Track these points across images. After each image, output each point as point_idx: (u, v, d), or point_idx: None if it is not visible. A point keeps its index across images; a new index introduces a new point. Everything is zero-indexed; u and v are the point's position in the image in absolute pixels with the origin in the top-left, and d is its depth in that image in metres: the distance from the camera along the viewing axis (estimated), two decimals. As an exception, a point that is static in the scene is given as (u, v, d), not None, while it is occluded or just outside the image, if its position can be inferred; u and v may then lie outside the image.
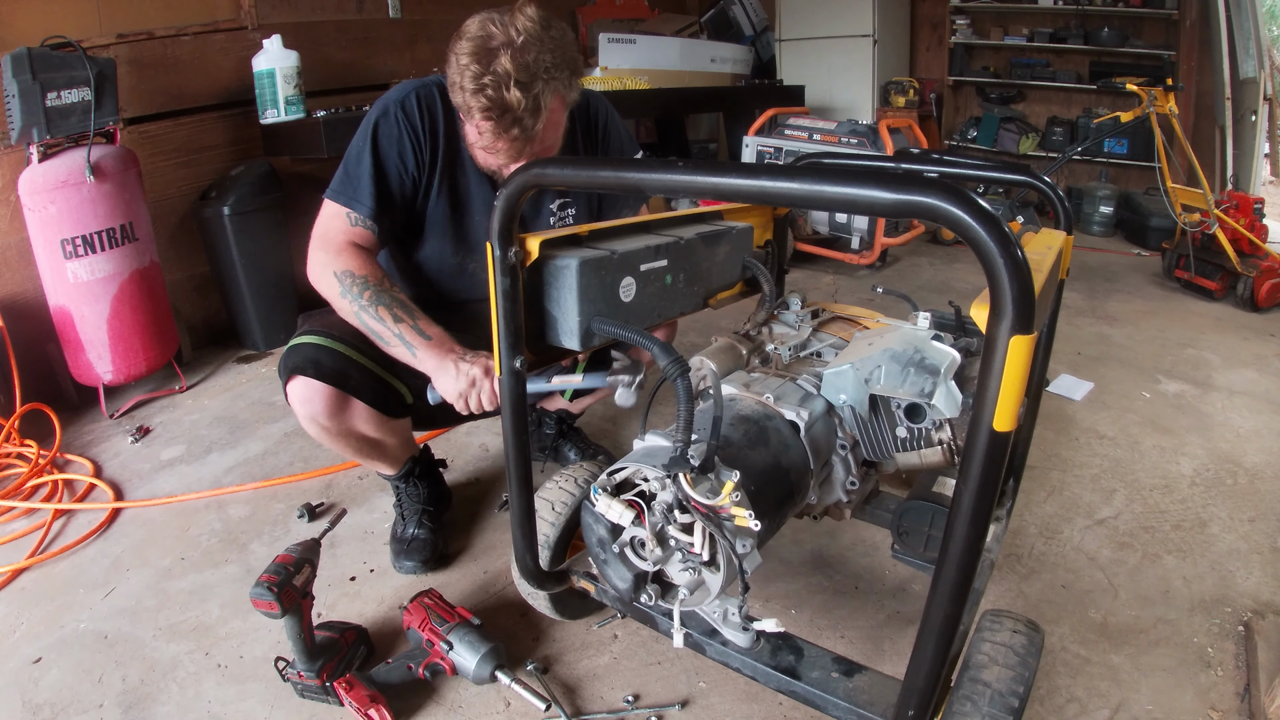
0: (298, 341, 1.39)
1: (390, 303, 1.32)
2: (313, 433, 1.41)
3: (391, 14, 3.58)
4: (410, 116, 1.40)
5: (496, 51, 1.25)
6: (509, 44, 1.26)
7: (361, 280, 1.33)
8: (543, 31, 1.29)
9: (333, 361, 1.36)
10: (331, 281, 1.34)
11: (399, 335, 1.30)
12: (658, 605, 0.98)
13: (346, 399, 1.38)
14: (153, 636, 1.45)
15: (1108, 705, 1.24)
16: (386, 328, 1.30)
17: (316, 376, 1.34)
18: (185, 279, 2.96)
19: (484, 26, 1.28)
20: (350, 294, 1.32)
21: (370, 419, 1.43)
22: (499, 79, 1.25)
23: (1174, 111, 3.43)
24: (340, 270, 1.33)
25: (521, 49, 1.26)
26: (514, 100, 1.25)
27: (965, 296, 2.48)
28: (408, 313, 1.32)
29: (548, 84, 1.29)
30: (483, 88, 1.25)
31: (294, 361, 1.36)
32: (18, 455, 2.11)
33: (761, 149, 3.87)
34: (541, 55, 1.27)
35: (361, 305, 1.32)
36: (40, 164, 2.21)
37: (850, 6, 4.95)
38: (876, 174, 0.67)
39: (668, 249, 1.11)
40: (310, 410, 1.37)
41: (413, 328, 1.31)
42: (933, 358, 1.03)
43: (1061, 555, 1.62)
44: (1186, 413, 2.27)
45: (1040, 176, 1.29)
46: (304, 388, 1.35)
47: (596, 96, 1.60)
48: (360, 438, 1.46)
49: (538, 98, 1.28)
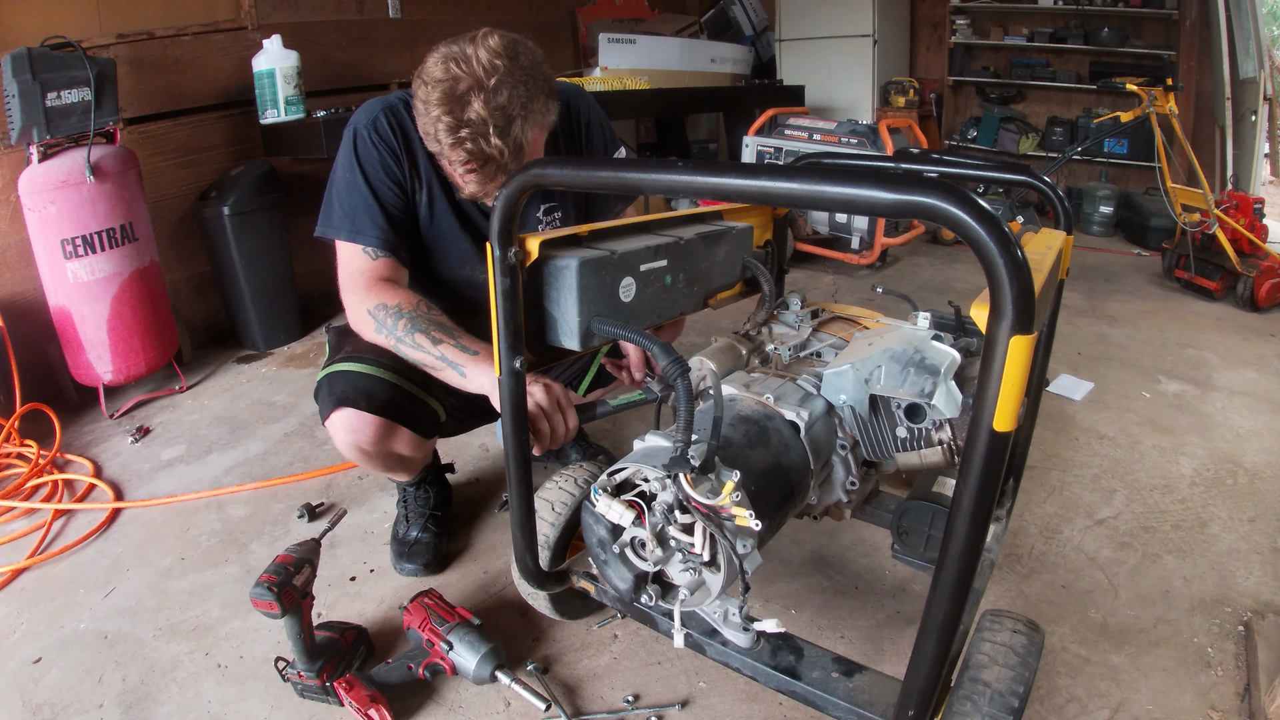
0: (342, 369, 1.34)
1: (427, 326, 1.25)
2: (349, 455, 1.37)
3: (391, 14, 3.59)
4: (384, 137, 1.34)
5: (466, 97, 1.17)
6: (479, 86, 1.18)
7: (395, 310, 1.26)
8: (510, 64, 1.20)
9: (383, 392, 1.32)
10: (366, 320, 1.28)
11: (442, 358, 1.22)
12: (658, 605, 0.97)
13: (394, 428, 1.35)
14: (153, 636, 1.45)
15: (1108, 705, 1.24)
16: (427, 354, 1.23)
17: (368, 409, 1.30)
18: (185, 279, 2.96)
19: (446, 69, 1.18)
20: (386, 327, 1.26)
21: (410, 442, 1.41)
22: (475, 129, 1.18)
23: (1174, 111, 3.43)
24: (372, 306, 1.28)
25: (494, 91, 1.18)
26: (495, 150, 1.19)
27: (965, 296, 2.47)
28: (446, 332, 1.25)
29: (526, 119, 1.22)
30: (460, 141, 1.18)
31: (341, 392, 1.31)
32: (18, 455, 2.11)
33: (761, 149, 3.87)
34: (515, 91, 1.19)
35: (399, 337, 1.25)
36: (40, 164, 2.21)
37: (850, 6, 4.95)
38: (876, 174, 0.67)
39: (667, 249, 1.11)
40: (356, 439, 1.33)
41: (455, 345, 1.23)
42: (933, 358, 1.03)
43: (1061, 555, 1.62)
44: (1186, 413, 2.27)
45: (1040, 176, 1.29)
46: (353, 419, 1.31)
47: (579, 94, 1.53)
48: (396, 458, 1.44)
49: (518, 139, 1.21)
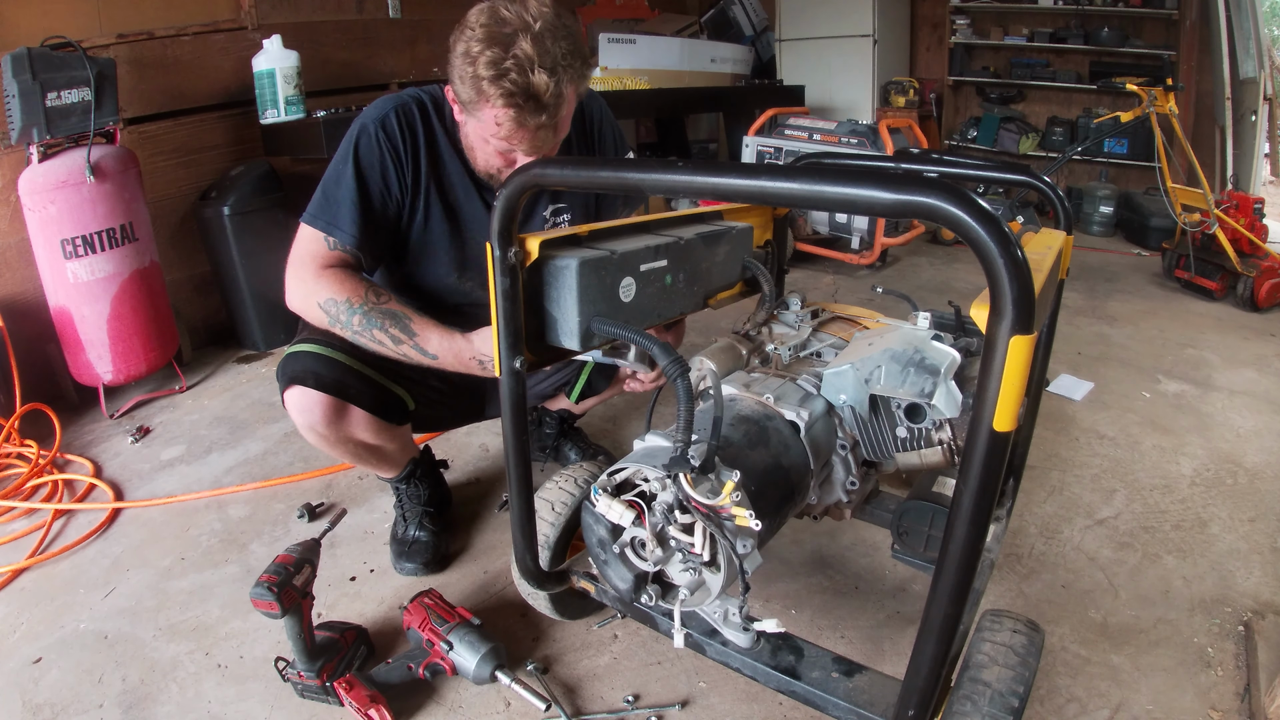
0: (296, 350, 1.38)
1: (383, 323, 1.27)
2: (311, 440, 1.41)
3: (391, 14, 3.58)
4: (391, 137, 1.33)
5: (514, 36, 1.18)
6: (526, 29, 1.18)
7: (345, 304, 1.28)
8: (557, 19, 1.21)
9: (331, 371, 1.35)
10: (318, 314, 1.30)
11: (405, 357, 1.29)
12: (658, 605, 0.97)
13: (345, 407, 1.37)
14: (153, 636, 1.45)
15: (1108, 705, 1.24)
16: (389, 349, 1.29)
17: (315, 386, 1.33)
18: (185, 279, 2.96)
19: (494, 14, 1.20)
20: (339, 322, 1.29)
21: (369, 426, 1.42)
22: (521, 63, 1.17)
23: (1174, 111, 3.43)
24: (323, 300, 1.29)
25: (540, 35, 1.18)
26: (541, 85, 1.17)
27: (965, 296, 2.47)
28: (404, 329, 1.27)
29: (565, 72, 1.21)
30: (505, 72, 1.17)
31: (292, 370, 1.35)
32: (18, 455, 2.11)
33: (761, 149, 3.87)
34: (559, 43, 1.20)
35: (355, 332, 1.28)
36: (40, 164, 2.21)
37: (850, 6, 4.95)
38: (876, 174, 0.67)
39: (667, 249, 1.11)
40: (308, 419, 1.36)
41: (414, 348, 1.28)
42: (933, 358, 1.03)
43: (1061, 555, 1.62)
44: (1186, 413, 2.27)
45: (1040, 176, 1.29)
46: (302, 397, 1.34)
47: (592, 96, 1.56)
48: (359, 444, 1.46)
49: (560, 86, 1.20)
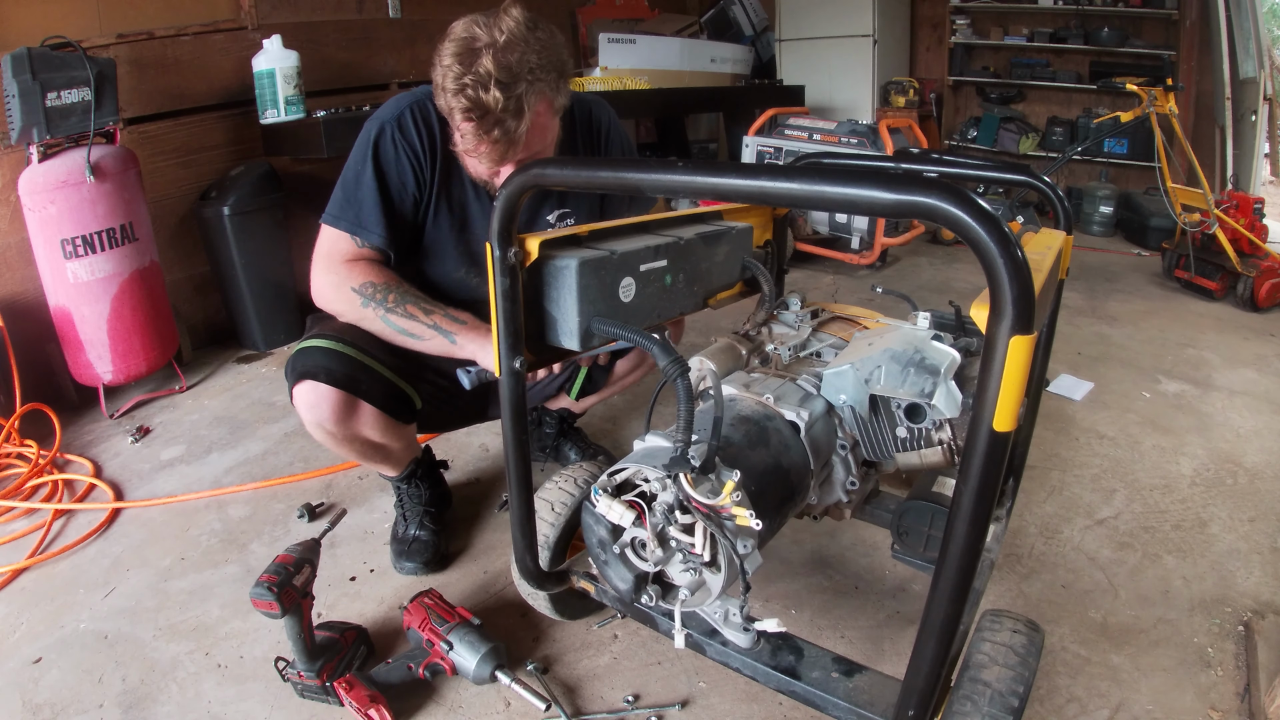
0: (307, 345, 1.38)
1: (416, 299, 1.35)
2: (318, 437, 1.40)
3: (391, 14, 3.58)
4: (408, 135, 1.37)
5: (479, 52, 1.23)
6: (492, 44, 1.24)
7: (383, 286, 1.35)
8: (528, 32, 1.27)
9: (343, 366, 1.35)
10: (351, 297, 1.35)
11: (434, 326, 1.33)
12: (658, 606, 0.97)
13: (355, 404, 1.37)
14: (153, 636, 1.45)
15: (1108, 705, 1.24)
16: (419, 323, 1.33)
17: (327, 381, 1.34)
18: (185, 279, 2.96)
19: (469, 28, 1.26)
20: (374, 302, 1.34)
21: (378, 424, 1.43)
22: (479, 79, 1.23)
23: (1174, 111, 3.43)
24: (359, 284, 1.35)
25: (504, 49, 1.24)
26: (492, 101, 1.22)
27: (965, 296, 2.47)
28: (434, 303, 1.35)
29: (531, 85, 1.26)
30: (463, 88, 1.23)
31: (303, 366, 1.35)
32: (18, 455, 2.11)
33: (761, 149, 3.87)
34: (526, 56, 1.25)
35: (388, 309, 1.34)
36: (40, 164, 2.21)
37: (850, 6, 4.95)
38: (876, 174, 0.67)
39: (667, 249, 1.11)
40: (317, 415, 1.36)
41: (445, 315, 1.34)
42: (933, 358, 1.03)
43: (1061, 555, 1.62)
44: (1186, 413, 2.27)
45: (1040, 176, 1.29)
46: (311, 393, 1.34)
47: (600, 104, 1.59)
48: (365, 442, 1.46)
49: (520, 99, 1.25)
